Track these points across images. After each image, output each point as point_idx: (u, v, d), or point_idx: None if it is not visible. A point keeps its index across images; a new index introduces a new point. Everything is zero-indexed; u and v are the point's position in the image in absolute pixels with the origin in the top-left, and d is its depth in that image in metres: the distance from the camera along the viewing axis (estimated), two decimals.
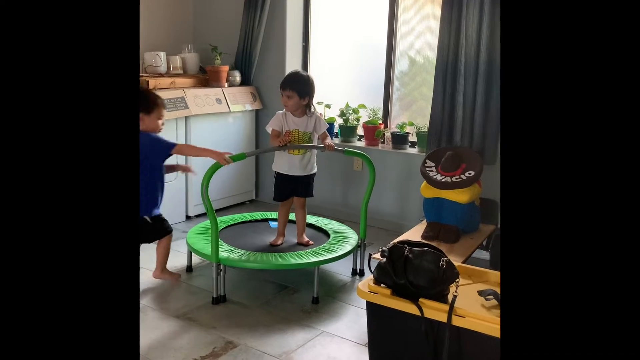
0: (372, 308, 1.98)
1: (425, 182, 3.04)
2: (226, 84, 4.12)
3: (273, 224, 3.26)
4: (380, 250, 1.96)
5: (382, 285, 1.95)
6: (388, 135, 3.94)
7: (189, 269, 3.07)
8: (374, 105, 4.02)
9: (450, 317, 1.78)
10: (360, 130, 4.07)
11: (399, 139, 3.84)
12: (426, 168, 3.06)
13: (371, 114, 3.99)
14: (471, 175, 2.92)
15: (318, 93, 3.00)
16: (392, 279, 1.90)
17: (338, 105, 4.11)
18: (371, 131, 3.91)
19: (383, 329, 2.00)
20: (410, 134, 3.86)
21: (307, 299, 2.76)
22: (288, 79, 2.89)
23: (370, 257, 2.35)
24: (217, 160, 2.59)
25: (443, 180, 2.95)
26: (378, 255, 1.99)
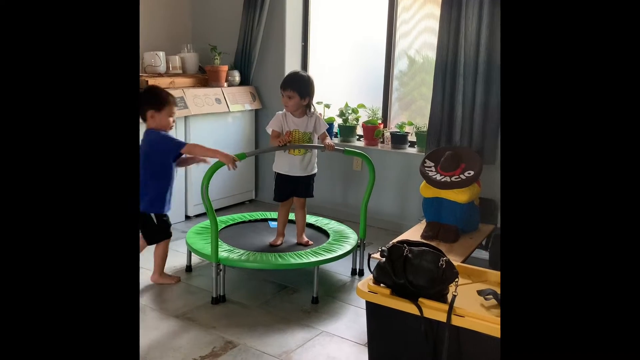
0: (372, 308, 1.98)
1: (424, 182, 3.04)
2: (225, 84, 4.12)
3: (273, 224, 3.26)
4: (380, 250, 1.96)
5: (382, 285, 1.95)
6: (387, 135, 3.94)
7: (189, 268, 3.07)
8: (374, 105, 4.02)
9: (450, 317, 1.78)
10: (360, 130, 4.06)
11: (399, 139, 3.84)
12: (425, 168, 3.07)
13: (370, 114, 3.99)
14: (470, 175, 2.93)
15: (317, 93, 3.00)
16: (392, 278, 1.90)
17: (337, 105, 4.11)
18: (370, 131, 3.91)
19: (382, 329, 2.00)
20: (409, 134, 3.86)
21: (307, 298, 2.76)
22: (289, 79, 2.89)
23: (370, 257, 2.35)
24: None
25: (442, 180, 2.95)
26: (377, 255, 1.99)
